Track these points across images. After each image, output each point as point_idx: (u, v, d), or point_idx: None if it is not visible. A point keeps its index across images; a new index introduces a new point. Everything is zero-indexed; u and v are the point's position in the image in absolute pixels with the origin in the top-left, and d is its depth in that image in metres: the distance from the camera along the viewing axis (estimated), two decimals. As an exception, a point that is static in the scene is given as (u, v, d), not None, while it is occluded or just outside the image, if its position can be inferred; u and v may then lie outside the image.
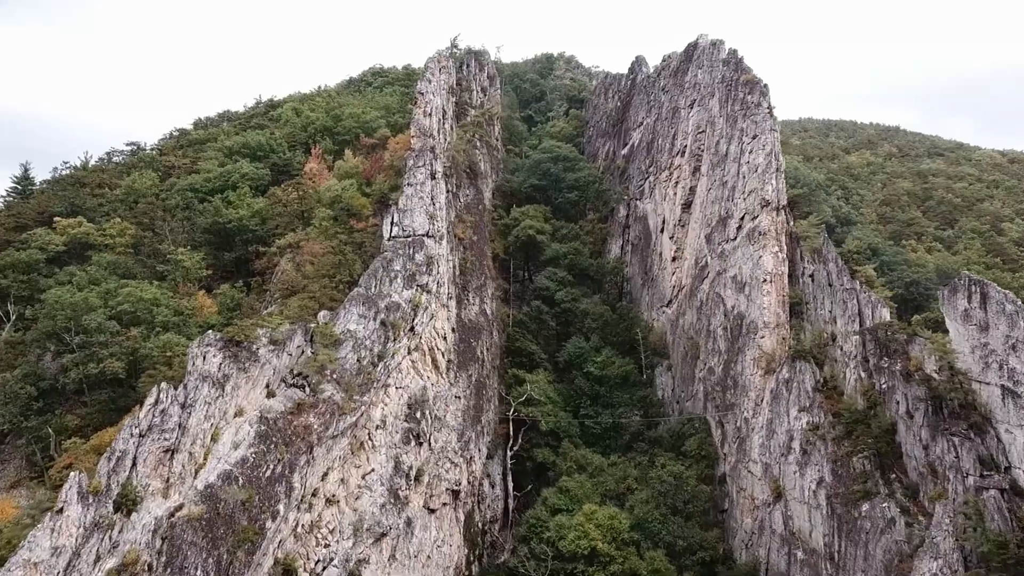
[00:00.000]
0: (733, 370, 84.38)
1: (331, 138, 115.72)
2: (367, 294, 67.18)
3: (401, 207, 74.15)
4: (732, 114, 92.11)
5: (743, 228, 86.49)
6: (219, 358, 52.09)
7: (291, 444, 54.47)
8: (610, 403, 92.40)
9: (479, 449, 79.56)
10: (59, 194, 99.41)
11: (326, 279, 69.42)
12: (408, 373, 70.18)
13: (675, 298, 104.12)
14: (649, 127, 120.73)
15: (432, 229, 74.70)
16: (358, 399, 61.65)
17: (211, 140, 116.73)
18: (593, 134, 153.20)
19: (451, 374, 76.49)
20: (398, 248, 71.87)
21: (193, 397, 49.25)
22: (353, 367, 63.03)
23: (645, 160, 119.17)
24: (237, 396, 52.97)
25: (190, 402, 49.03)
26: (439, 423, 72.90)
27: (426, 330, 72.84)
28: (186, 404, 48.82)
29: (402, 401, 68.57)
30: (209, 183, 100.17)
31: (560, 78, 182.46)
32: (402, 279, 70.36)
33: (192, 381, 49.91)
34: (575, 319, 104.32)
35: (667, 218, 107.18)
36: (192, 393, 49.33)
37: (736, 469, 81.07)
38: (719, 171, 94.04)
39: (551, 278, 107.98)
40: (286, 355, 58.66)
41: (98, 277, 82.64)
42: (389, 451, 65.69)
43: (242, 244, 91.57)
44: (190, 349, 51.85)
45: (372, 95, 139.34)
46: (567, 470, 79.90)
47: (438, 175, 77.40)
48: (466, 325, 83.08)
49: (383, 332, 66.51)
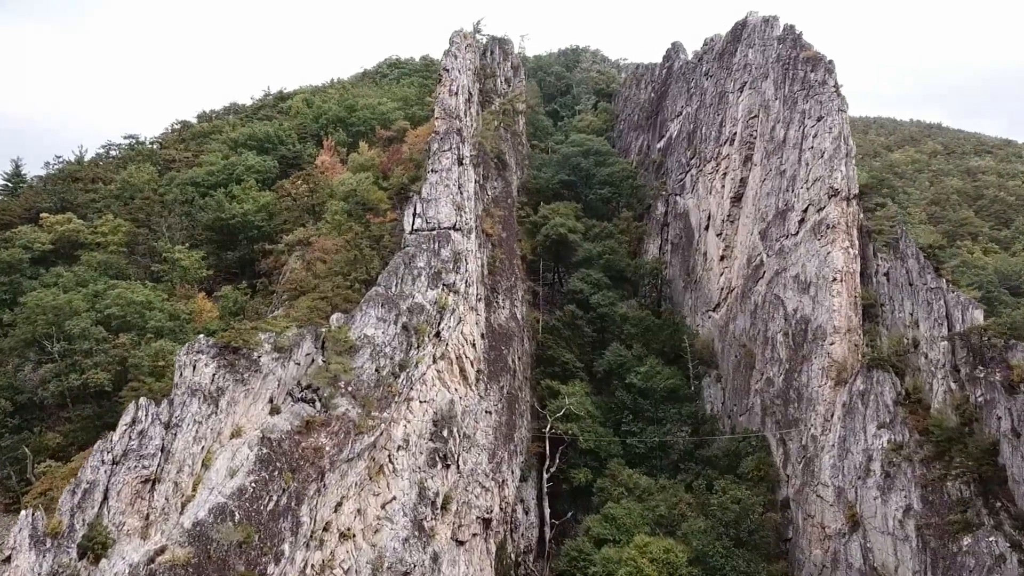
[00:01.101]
0: (797, 381, 75.81)
1: (345, 130, 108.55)
2: (387, 294, 59.20)
3: (424, 196, 66.14)
4: (791, 95, 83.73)
5: (806, 221, 78.01)
6: (212, 368, 44.14)
7: (299, 470, 46.41)
8: (656, 418, 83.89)
9: (512, 471, 71.28)
10: (48, 189, 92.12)
11: (339, 277, 61.64)
12: (433, 385, 62.09)
13: (723, 301, 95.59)
14: (690, 116, 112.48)
15: (459, 221, 66.69)
16: (377, 415, 53.59)
17: (215, 132, 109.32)
18: (624, 128, 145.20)
19: (481, 386, 68.35)
20: (421, 242, 63.88)
21: (180, 415, 41.28)
22: (371, 378, 55.00)
23: (686, 152, 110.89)
24: (234, 413, 45.00)
25: (176, 421, 41.06)
26: (468, 442, 64.73)
27: (453, 336, 64.76)
28: (171, 424, 40.85)
29: (427, 417, 60.46)
30: (212, 176, 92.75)
31: (587, 71, 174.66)
32: (426, 277, 62.34)
33: (179, 396, 41.97)
34: (612, 325, 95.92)
35: (713, 214, 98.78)
36: (179, 410, 41.36)
37: (802, 493, 72.44)
38: (775, 159, 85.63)
39: (585, 280, 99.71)
40: (293, 364, 50.72)
41: (87, 278, 75.30)
42: (412, 475, 57.54)
43: (247, 242, 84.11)
44: (177, 357, 43.96)
45: (389, 86, 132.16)
46: (615, 495, 71.38)
47: (466, 161, 69.34)
48: (496, 331, 74.94)
49: (405, 338, 58.47)
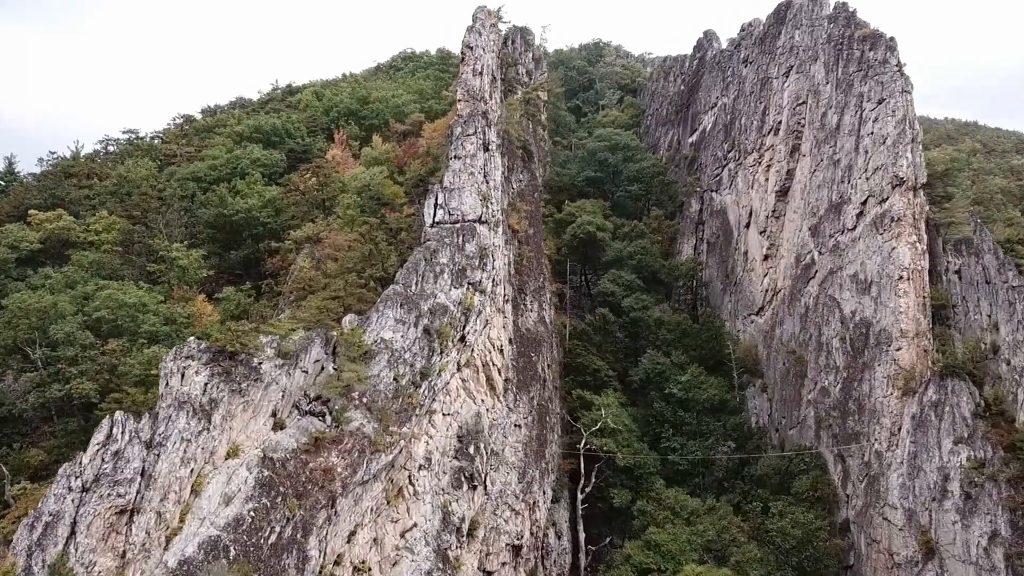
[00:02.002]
0: (857, 391, 69.21)
1: (357, 123, 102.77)
2: (406, 293, 53.08)
3: (447, 185, 60.03)
4: (845, 78, 77.31)
5: (866, 214, 71.52)
6: (205, 376, 38.09)
7: (306, 495, 40.24)
8: (698, 432, 77.31)
9: (543, 491, 64.91)
10: (39, 185, 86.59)
11: (353, 275, 55.54)
12: (458, 396, 55.90)
13: (768, 304, 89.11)
14: (726, 107, 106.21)
15: (485, 213, 60.55)
16: (395, 431, 47.43)
17: (219, 126, 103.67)
18: (652, 123, 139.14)
19: (509, 396, 62.08)
20: (444, 236, 57.77)
21: (164, 432, 35.19)
22: (388, 388, 48.85)
23: (722, 145, 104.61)
24: (230, 429, 38.92)
25: (160, 439, 34.97)
26: (496, 459, 58.47)
27: (479, 340, 58.59)
28: (154, 442, 34.77)
29: (451, 432, 54.24)
30: (214, 171, 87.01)
31: (611, 65, 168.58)
32: (449, 275, 56.21)
33: (164, 409, 35.90)
34: (646, 330, 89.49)
35: (756, 210, 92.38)
36: (163, 426, 35.27)
37: (865, 515, 65.77)
38: (827, 148, 79.22)
39: (616, 282, 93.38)
40: (299, 372, 44.66)
41: (77, 279, 69.47)
42: (435, 498, 51.29)
43: (251, 240, 78.18)
44: (163, 364, 37.91)
45: (403, 80, 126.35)
46: (657, 518, 64.81)
47: (492, 146, 63.21)
48: (524, 336, 68.68)
49: (427, 342, 52.30)
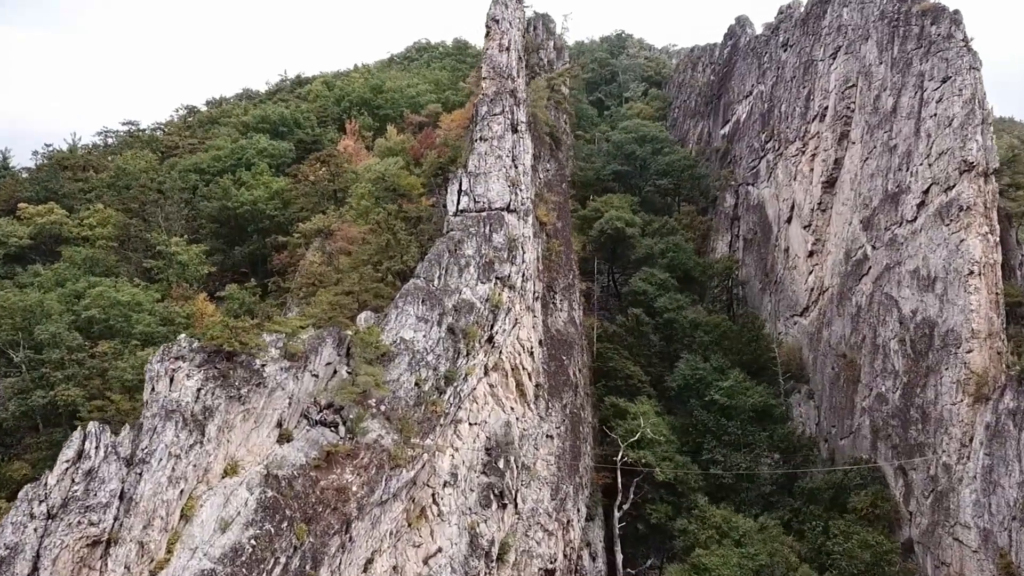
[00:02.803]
0: (920, 398, 63.48)
1: (370, 113, 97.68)
2: (428, 288, 47.79)
3: (471, 170, 54.79)
4: (902, 56, 71.67)
5: (928, 204, 65.79)
6: (198, 380, 32.86)
7: (316, 519, 34.95)
8: (742, 443, 71.70)
9: (577, 509, 59.44)
10: (32, 177, 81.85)
11: (368, 267, 50.30)
12: (485, 403, 50.57)
13: (813, 304, 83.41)
14: (763, 95, 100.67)
15: (514, 200, 55.26)
16: (418, 443, 42.12)
17: (224, 117, 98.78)
18: (679, 115, 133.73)
19: (540, 404, 56.73)
20: (469, 226, 52.48)
21: (148, 446, 29.96)
22: (410, 394, 43.57)
23: (759, 135, 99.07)
24: (228, 443, 33.70)
25: (143, 455, 29.75)
26: (528, 474, 53.10)
27: (508, 341, 53.26)
28: (135, 459, 29.55)
29: (478, 444, 48.90)
30: (218, 162, 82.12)
31: (634, 57, 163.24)
32: (475, 268, 50.92)
33: (149, 419, 30.68)
34: (680, 332, 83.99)
35: (799, 203, 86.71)
36: (147, 440, 30.04)
37: (933, 535, 60.07)
38: (881, 133, 73.56)
39: (648, 280, 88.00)
40: (309, 376, 39.41)
41: (68, 276, 64.57)
42: (462, 519, 45.94)
43: (257, 236, 73.14)
44: (148, 366, 32.68)
45: (418, 71, 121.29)
46: (702, 539, 59.22)
47: (521, 127, 57.97)
48: (554, 337, 63.34)
49: (452, 343, 47.00)
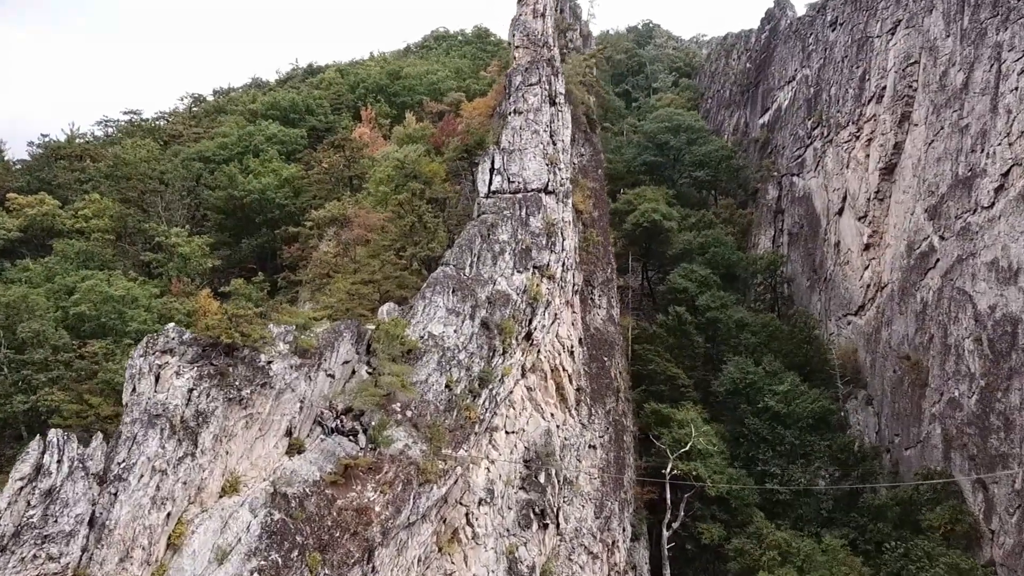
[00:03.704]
0: (1001, 403, 57.49)
1: (387, 100, 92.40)
2: (459, 277, 42.33)
3: (505, 146, 49.32)
4: (974, 27, 65.81)
5: (1008, 188, 59.84)
6: (190, 378, 27.45)
7: (333, 546, 29.46)
8: (799, 453, 65.83)
9: (623, 527, 53.70)
10: (24, 167, 77.01)
11: (391, 253, 44.89)
12: (523, 408, 45.03)
13: (870, 302, 77.50)
14: (809, 79, 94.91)
15: (553, 181, 49.74)
16: (450, 454, 36.61)
17: (232, 105, 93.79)
18: (713, 106, 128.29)
19: (583, 410, 51.11)
20: (503, 208, 46.99)
21: (126, 460, 24.57)
22: (440, 398, 38.09)
23: (805, 122, 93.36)
24: (226, 454, 28.27)
25: (120, 471, 24.36)
26: (570, 489, 47.45)
27: (547, 339, 47.75)
28: (109, 476, 24.15)
29: (516, 455, 43.33)
30: (224, 150, 76.99)
31: (662, 47, 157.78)
32: (511, 256, 45.41)
33: (128, 426, 25.28)
34: (725, 332, 78.22)
35: (853, 192, 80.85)
36: (125, 451, 24.67)
37: (1020, 557, 54.05)
38: (950, 113, 67.67)
39: (688, 277, 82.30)
40: (323, 376, 34.01)
41: (59, 271, 59.56)
42: (499, 542, 40.37)
43: (266, 227, 67.93)
44: (129, 362, 27.33)
45: (437, 59, 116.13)
46: (763, 562, 53.35)
47: (560, 99, 52.51)
48: (594, 336, 57.75)
49: (485, 339, 41.50)
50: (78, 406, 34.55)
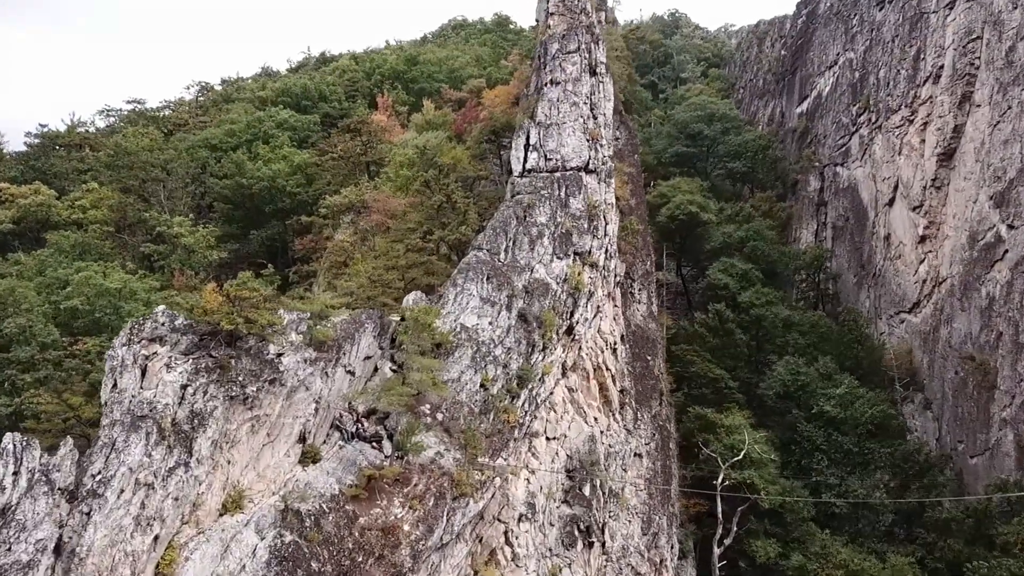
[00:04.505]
0: (1086, 407, 52.80)
1: (404, 87, 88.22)
2: (493, 263, 37.88)
3: (541, 120, 44.83)
4: (1047, -6, 61.09)
5: (1090, 170, 55.08)
6: (183, 373, 23.09)
7: (355, 573, 25.03)
8: (858, 462, 60.97)
9: (671, 544, 48.99)
10: (19, 156, 73.15)
11: (416, 237, 40.50)
12: (565, 411, 40.51)
13: (926, 298, 72.53)
14: (853, 62, 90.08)
15: (594, 159, 45.24)
16: (487, 463, 32.16)
17: (241, 92, 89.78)
18: (746, 96, 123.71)
19: (627, 414, 46.47)
20: (540, 188, 42.50)
21: (103, 471, 20.22)
22: (474, 399, 33.70)
23: (849, 108, 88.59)
24: (228, 464, 23.90)
25: (94, 485, 20.02)
26: (616, 502, 42.80)
27: (589, 334, 43.23)
28: (81, 491, 19.74)
29: (558, 464, 38.81)
30: (232, 137, 72.86)
31: (689, 37, 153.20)
32: (550, 240, 40.94)
33: (107, 429, 20.92)
34: (770, 331, 73.44)
35: (906, 181, 75.93)
36: (101, 461, 20.30)
37: (1112, 576, 49.08)
38: (1018, 91, 62.81)
39: (728, 272, 77.59)
40: (343, 373, 29.65)
41: (51, 263, 55.55)
42: (541, 564, 35.85)
43: (277, 218, 63.76)
44: (109, 353, 22.95)
45: (456, 47, 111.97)
46: (828, 584, 48.63)
47: (601, 70, 48.02)
48: (636, 333, 53.11)
49: (524, 333, 37.04)
50: (57, 406, 30.27)
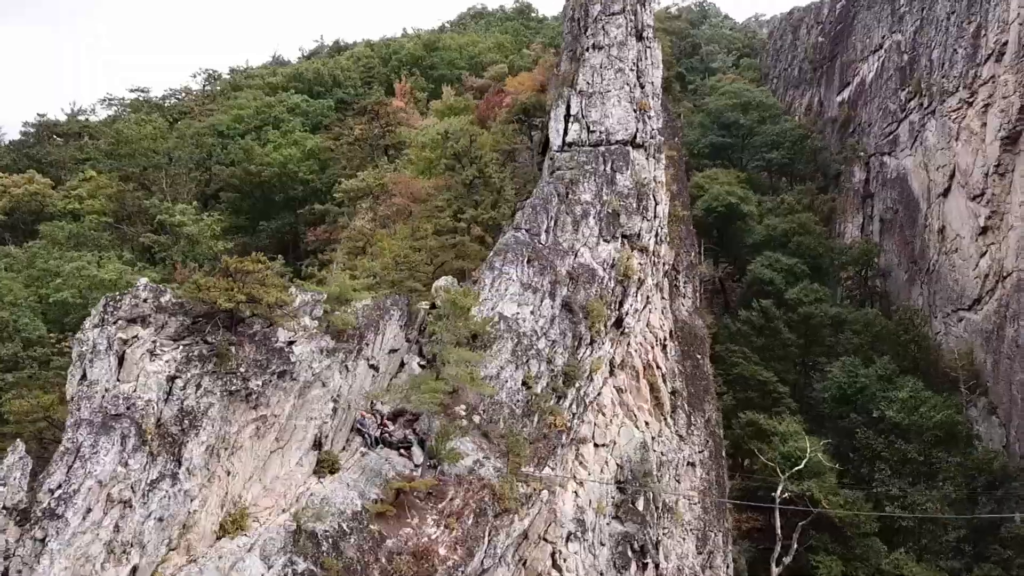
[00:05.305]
0: None
1: (423, 74, 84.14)
2: (533, 244, 33.53)
3: (583, 89, 40.50)
4: None
5: None
6: (170, 362, 18.89)
7: (381, 608, 20.70)
8: (925, 471, 56.20)
9: (727, 564, 44.38)
10: (14, 145, 69.39)
11: (446, 216, 36.24)
12: (614, 415, 36.11)
13: (988, 295, 67.76)
14: (901, 44, 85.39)
15: (641, 132, 40.86)
16: (532, 473, 27.81)
17: (250, 81, 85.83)
18: (779, 86, 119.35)
19: (680, 418, 42.04)
20: (584, 162, 38.15)
21: (66, 487, 15.85)
22: (516, 399, 29.43)
23: (897, 94, 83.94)
24: (227, 475, 19.68)
25: (51, 504, 15.65)
26: (670, 517, 38.35)
27: (638, 327, 38.81)
28: (35, 511, 15.43)
29: (607, 475, 34.40)
30: (240, 124, 68.82)
31: (718, 27, 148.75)
32: (596, 220, 36.58)
33: (71, 432, 16.60)
34: (818, 331, 68.73)
35: (964, 168, 71.16)
36: (61, 473, 15.95)
37: None
38: (1094, 66, 58.19)
39: (773, 267, 72.96)
40: (364, 366, 25.44)
41: (44, 255, 51.64)
42: (592, 588, 31.38)
43: (288, 208, 59.68)
44: (79, 335, 18.68)
45: (476, 34, 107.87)
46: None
47: (648, 35, 43.70)
48: (683, 329, 48.60)
49: (569, 325, 32.72)
50: (26, 404, 26.05)
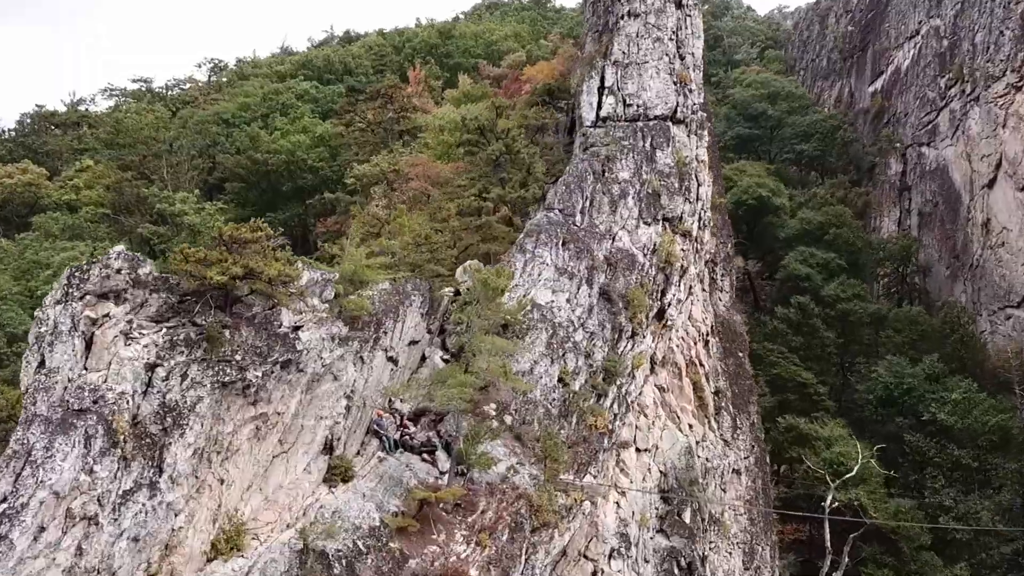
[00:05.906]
0: None
1: (437, 62, 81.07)
2: (567, 225, 30.32)
3: (617, 59, 37.27)
4: None
5: None
6: (150, 348, 15.65)
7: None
8: (980, 479, 52.68)
9: (773, 578, 41.03)
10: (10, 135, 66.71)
11: (471, 196, 33.06)
12: (656, 416, 32.81)
13: (1039, 291, 64.23)
14: (940, 29, 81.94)
15: (682, 107, 37.64)
16: (571, 481, 24.60)
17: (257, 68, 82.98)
18: (807, 77, 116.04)
19: (724, 420, 38.73)
20: (620, 138, 34.92)
21: (13, 499, 12.62)
22: (552, 398, 26.29)
23: (936, 81, 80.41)
24: (220, 484, 16.45)
25: (-6, 519, 12.45)
26: (717, 530, 34.98)
27: (680, 320, 35.52)
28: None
29: (650, 482, 31.11)
30: (246, 111, 65.86)
31: (740, 19, 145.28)
32: (635, 201, 33.35)
33: (21, 432, 13.39)
34: (858, 328, 65.25)
35: (1012, 157, 67.55)
36: (8, 481, 12.73)
37: None
38: None
39: (808, 262, 69.44)
40: (382, 358, 22.36)
41: (35, 248, 48.84)
42: (636, 610, 28.11)
43: (297, 197, 56.65)
44: (38, 312, 15.46)
45: (493, 23, 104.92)
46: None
47: (688, 2, 40.47)
48: (723, 324, 45.26)
49: (608, 315, 29.49)
50: None
